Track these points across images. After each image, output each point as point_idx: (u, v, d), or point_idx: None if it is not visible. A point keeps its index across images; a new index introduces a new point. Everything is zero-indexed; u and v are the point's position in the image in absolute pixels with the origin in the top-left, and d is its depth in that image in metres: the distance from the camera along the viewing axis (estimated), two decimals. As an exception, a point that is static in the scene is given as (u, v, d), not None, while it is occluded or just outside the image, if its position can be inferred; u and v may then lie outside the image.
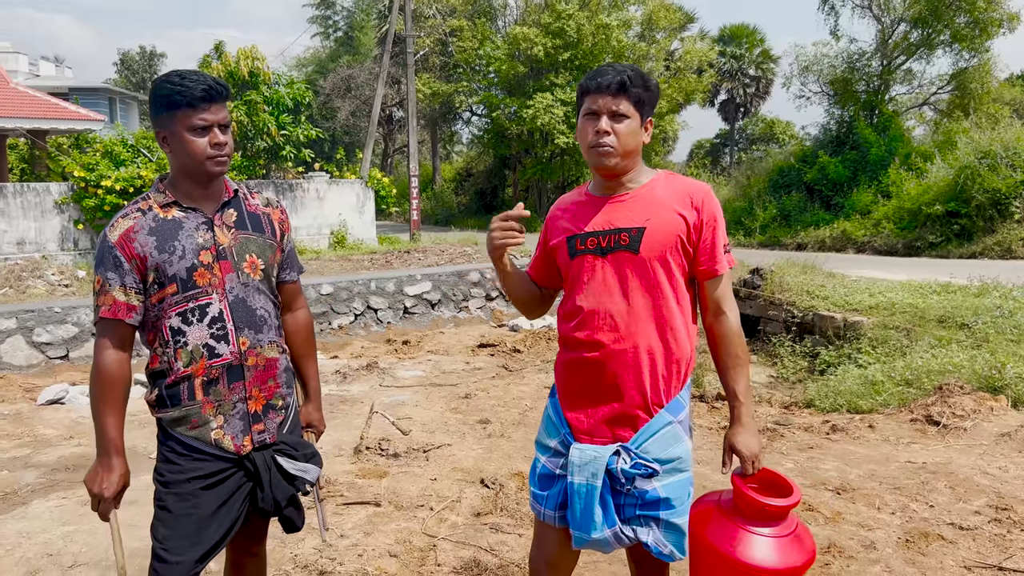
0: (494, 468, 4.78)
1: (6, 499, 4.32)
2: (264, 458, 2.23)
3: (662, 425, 2.10)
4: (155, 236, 2.12)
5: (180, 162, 2.15)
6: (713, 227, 2.12)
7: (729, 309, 2.17)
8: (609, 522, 2.06)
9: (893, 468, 4.86)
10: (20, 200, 14.42)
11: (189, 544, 2.13)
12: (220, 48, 19.56)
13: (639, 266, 2.09)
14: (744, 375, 2.15)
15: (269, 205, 2.38)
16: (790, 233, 18.74)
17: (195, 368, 2.14)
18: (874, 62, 21.48)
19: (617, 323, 2.10)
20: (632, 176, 2.16)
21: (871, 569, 3.54)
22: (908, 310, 8.63)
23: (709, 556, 2.10)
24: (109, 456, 2.12)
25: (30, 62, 36.80)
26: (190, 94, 2.09)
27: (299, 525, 2.40)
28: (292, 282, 2.45)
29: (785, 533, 2.07)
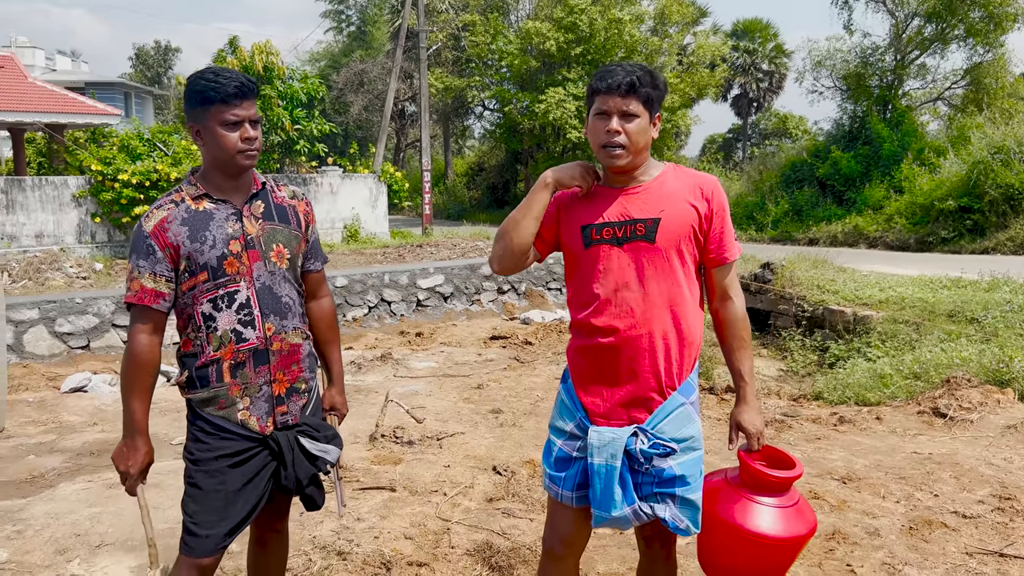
0: (506, 456, 4.88)
1: (34, 482, 4.46)
2: (287, 438, 2.33)
3: (676, 406, 2.19)
4: (187, 226, 2.23)
5: (212, 155, 2.26)
6: (722, 217, 2.23)
7: (735, 295, 2.28)
8: (628, 500, 2.15)
9: (899, 458, 4.93)
10: (38, 193, 14.62)
11: (218, 519, 2.24)
12: (234, 43, 19.68)
13: (655, 255, 2.17)
14: (748, 357, 2.27)
15: (295, 198, 2.48)
16: (802, 228, 18.75)
17: (223, 352, 2.25)
18: (888, 57, 21.41)
19: (633, 310, 2.17)
20: (643, 169, 2.24)
21: (875, 555, 3.62)
22: (918, 304, 8.68)
23: (716, 525, 2.22)
24: (134, 436, 2.23)
25: (47, 56, 37.13)
26: (223, 90, 2.19)
27: (319, 503, 2.50)
28: (317, 271, 2.55)
29: (787, 504, 2.19)
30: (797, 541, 2.17)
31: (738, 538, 2.16)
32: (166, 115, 42.93)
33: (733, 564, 2.27)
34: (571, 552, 2.38)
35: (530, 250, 2.32)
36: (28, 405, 6.09)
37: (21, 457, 4.89)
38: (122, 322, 8.30)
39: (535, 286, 11.78)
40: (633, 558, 3.58)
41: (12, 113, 16.57)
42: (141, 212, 14.30)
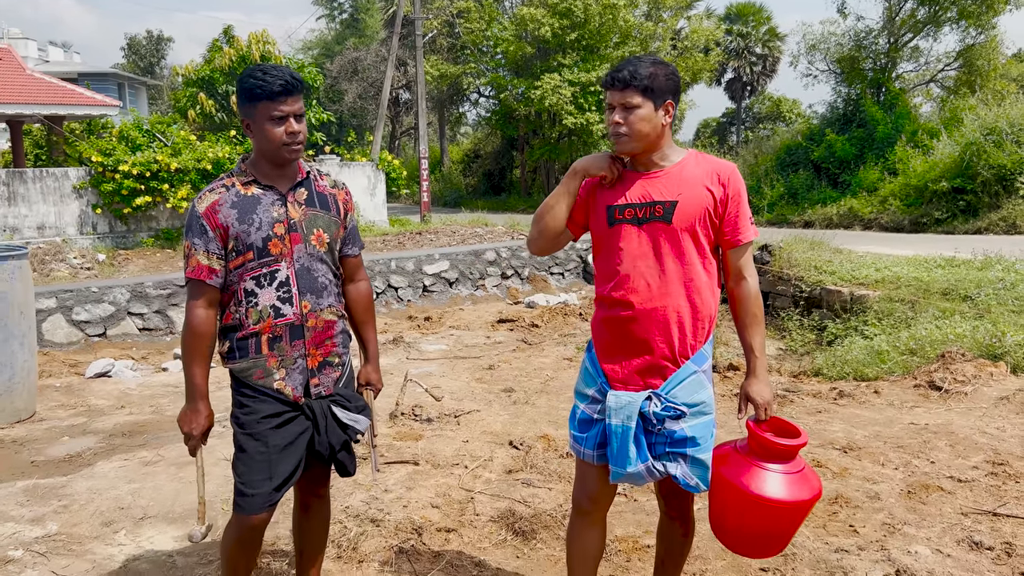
0: (521, 431, 5.09)
1: (71, 461, 4.66)
2: (321, 406, 2.53)
3: (688, 374, 2.38)
4: (236, 209, 2.43)
5: (260, 146, 2.46)
6: (738, 202, 2.40)
7: (749, 275, 2.46)
8: (642, 457, 2.35)
9: (897, 429, 5.16)
10: (39, 185, 14.72)
11: (263, 478, 2.46)
12: (229, 32, 19.75)
13: (671, 235, 2.35)
14: (760, 333, 2.45)
15: (336, 187, 2.67)
16: (797, 211, 18.95)
17: (263, 326, 2.45)
18: (881, 40, 21.55)
19: (650, 285, 2.37)
20: (663, 154, 2.41)
21: (875, 516, 3.84)
22: (913, 283, 8.89)
23: (726, 490, 2.39)
24: (196, 400, 2.46)
25: (39, 48, 37.02)
26: (269, 88, 2.38)
27: (351, 471, 2.70)
28: (355, 256, 2.73)
29: (793, 471, 2.36)
30: (802, 505, 2.34)
31: (747, 502, 2.33)
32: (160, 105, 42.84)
33: (742, 527, 2.43)
34: (597, 508, 2.59)
35: (564, 232, 2.54)
36: (56, 390, 6.27)
37: (56, 439, 5.09)
38: (137, 310, 8.47)
39: (538, 271, 11.98)
40: (648, 523, 3.80)
41: (11, 105, 16.61)
42: (142, 203, 14.55)
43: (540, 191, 29.76)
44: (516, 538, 3.64)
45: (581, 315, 9.58)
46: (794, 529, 2.46)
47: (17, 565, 3.38)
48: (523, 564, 3.40)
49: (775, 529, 2.42)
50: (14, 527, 3.74)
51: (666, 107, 2.35)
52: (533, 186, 30.85)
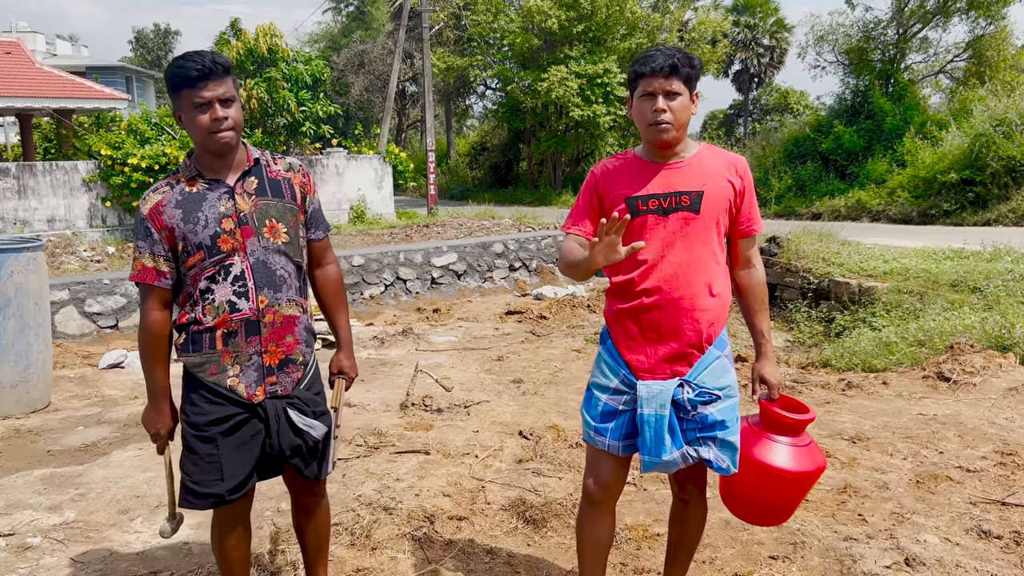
0: (531, 422, 5.12)
1: (87, 450, 4.71)
2: (276, 408, 2.43)
3: (713, 359, 2.42)
4: (181, 208, 2.34)
5: (194, 138, 2.35)
6: (751, 193, 2.49)
7: (757, 263, 2.57)
8: (677, 445, 2.39)
9: (905, 420, 5.17)
10: (49, 179, 14.80)
11: (214, 479, 2.39)
12: (236, 25, 19.76)
13: (697, 224, 2.38)
14: (767, 318, 2.57)
15: (291, 170, 2.53)
16: (805, 203, 18.92)
17: (218, 321, 2.35)
18: (890, 30, 21.46)
19: (676, 273, 2.38)
20: (683, 146, 2.44)
21: (884, 506, 3.86)
22: (921, 275, 8.89)
23: (739, 461, 2.48)
24: (159, 400, 2.43)
25: (47, 41, 37.07)
26: (186, 74, 2.27)
27: (310, 475, 2.56)
28: (319, 240, 2.62)
29: (800, 444, 2.51)
30: (807, 476, 2.49)
31: (758, 472, 2.46)
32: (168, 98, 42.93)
33: (750, 495, 2.58)
34: (609, 496, 2.60)
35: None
36: (70, 381, 6.34)
37: (71, 428, 5.14)
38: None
39: (545, 263, 12.00)
40: (658, 511, 3.83)
41: (21, 99, 16.71)
42: (153, 196, 14.59)
43: (546, 183, 29.75)
44: (527, 526, 3.67)
45: (589, 307, 9.60)
46: (798, 500, 2.58)
47: (36, 552, 3.43)
48: (534, 551, 3.44)
49: (781, 498, 2.56)
50: (32, 515, 3.79)
51: (694, 98, 2.41)
52: (540, 179, 30.83)
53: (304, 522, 2.78)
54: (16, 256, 5.23)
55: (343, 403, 2.73)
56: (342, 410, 2.75)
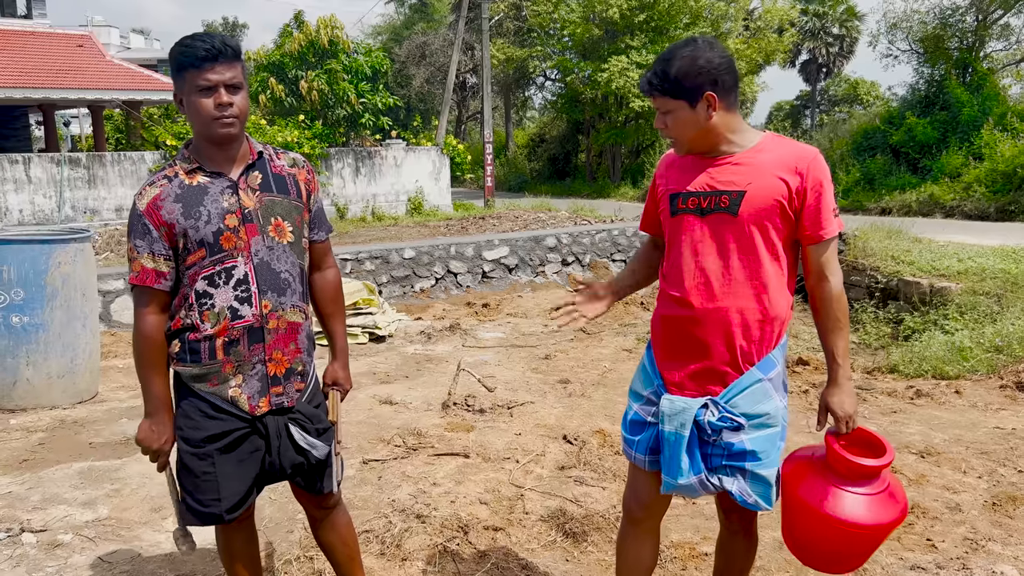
0: (576, 425, 4.93)
1: (127, 444, 4.69)
2: (277, 424, 2.29)
3: (752, 382, 2.16)
4: (181, 203, 2.16)
5: (193, 124, 2.18)
6: (819, 192, 2.12)
7: (832, 274, 2.18)
8: (695, 469, 2.17)
9: (980, 433, 4.82)
10: (117, 168, 15.16)
11: (211, 499, 2.26)
12: (299, 17, 19.91)
13: (737, 229, 2.13)
14: (843, 338, 2.19)
15: (295, 165, 2.38)
16: (874, 197, 18.16)
17: (218, 329, 2.19)
18: (968, 17, 20.41)
19: (712, 283, 2.16)
20: (736, 139, 2.16)
21: (956, 530, 3.56)
22: (999, 276, 8.36)
23: (801, 510, 2.17)
24: (159, 413, 2.23)
25: (121, 35, 38.20)
26: (193, 54, 2.10)
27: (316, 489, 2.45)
28: (321, 242, 2.47)
29: (877, 491, 2.13)
30: (885, 527, 2.13)
31: (824, 525, 2.12)
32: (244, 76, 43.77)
33: (820, 548, 2.25)
34: (649, 515, 2.41)
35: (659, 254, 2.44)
36: (119, 371, 6.38)
37: (114, 420, 5.15)
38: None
39: (600, 257, 11.75)
40: (707, 528, 3.61)
41: (92, 91, 17.13)
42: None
43: (605, 175, 29.37)
44: (566, 540, 3.49)
45: (643, 304, 9.33)
46: (876, 547, 2.24)
47: (65, 549, 3.39)
48: (572, 568, 3.25)
49: (855, 550, 2.21)
50: (66, 510, 3.76)
51: (707, 100, 2.09)
52: (598, 170, 30.46)
53: (326, 536, 2.62)
54: (63, 247, 5.25)
55: (340, 416, 2.56)
56: (340, 424, 2.56)
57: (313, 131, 17.59)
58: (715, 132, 2.14)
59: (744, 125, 2.20)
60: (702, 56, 2.09)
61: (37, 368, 5.26)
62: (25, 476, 4.19)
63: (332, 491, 2.50)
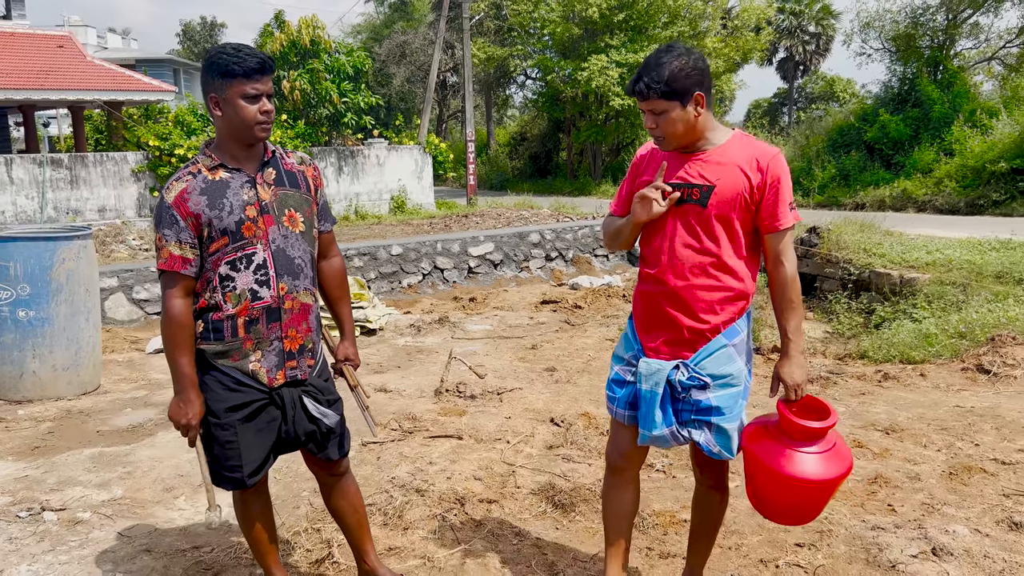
0: (562, 409, 5.19)
1: (134, 431, 4.90)
2: (292, 395, 2.56)
3: (718, 347, 2.48)
4: (206, 196, 2.41)
5: (231, 126, 2.42)
6: (776, 188, 2.41)
7: (787, 260, 2.48)
8: (667, 422, 2.50)
9: (941, 412, 5.12)
10: (100, 169, 15.22)
11: (235, 464, 2.53)
12: (280, 17, 20.01)
13: (704, 218, 2.43)
14: (795, 317, 2.50)
15: (303, 163, 2.65)
16: (849, 193, 18.59)
17: (239, 309, 2.45)
18: (939, 16, 20.91)
19: (683, 264, 2.46)
20: (708, 137, 2.46)
21: (915, 496, 3.85)
22: (965, 266, 8.72)
23: (759, 469, 2.48)
24: (187, 390, 2.45)
25: (98, 35, 37.99)
26: (246, 65, 2.36)
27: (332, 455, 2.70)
28: (327, 231, 2.74)
29: (824, 450, 2.41)
30: (833, 481, 2.41)
31: (780, 482, 2.41)
32: (213, 90, 43.61)
33: (777, 501, 2.54)
34: (629, 465, 2.71)
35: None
36: (118, 365, 6.57)
37: (119, 410, 5.34)
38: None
39: (582, 252, 12.02)
40: (685, 498, 3.87)
41: (73, 91, 17.17)
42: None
43: (586, 173, 29.66)
44: (555, 510, 3.74)
45: (624, 297, 9.61)
46: (826, 500, 2.53)
47: (86, 526, 3.60)
48: (561, 535, 3.51)
49: (807, 503, 2.51)
50: (82, 491, 3.97)
51: (695, 100, 2.37)
52: (579, 168, 30.75)
53: (336, 502, 2.86)
54: (67, 244, 5.44)
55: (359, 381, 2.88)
56: (361, 387, 2.89)
57: (296, 131, 17.73)
58: (698, 129, 2.44)
59: (716, 123, 2.49)
60: (690, 61, 2.37)
61: (43, 361, 5.44)
62: (39, 461, 4.39)
63: (341, 458, 2.76)
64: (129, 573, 3.19)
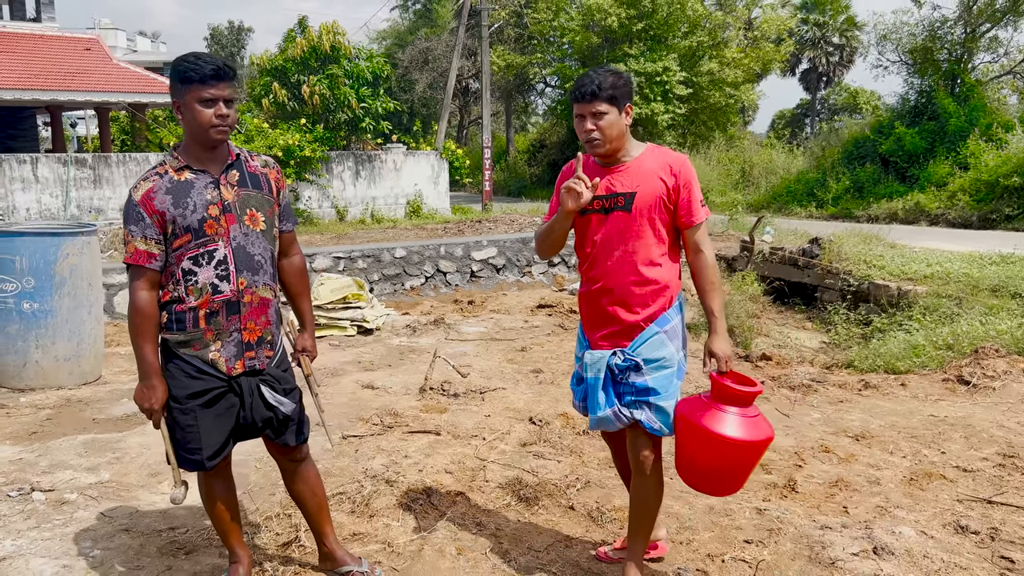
0: (542, 409, 5.33)
1: (128, 420, 5.11)
2: (249, 384, 2.72)
3: (651, 334, 2.81)
4: (171, 195, 2.58)
5: (190, 129, 2.59)
6: (689, 189, 2.78)
7: (705, 248, 2.84)
8: (609, 403, 2.83)
9: (915, 420, 5.20)
10: (123, 169, 15.60)
11: (195, 447, 2.70)
12: (304, 23, 20.36)
13: (630, 222, 2.77)
14: (718, 297, 2.84)
15: (267, 166, 2.82)
16: (862, 205, 18.54)
17: (200, 302, 2.61)
18: (957, 29, 20.82)
19: (614, 264, 2.81)
20: (625, 151, 2.82)
21: (870, 500, 3.95)
22: (962, 279, 8.77)
23: (690, 430, 2.76)
24: (150, 377, 2.61)
25: (128, 38, 38.74)
26: (201, 72, 2.51)
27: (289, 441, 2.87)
28: (288, 231, 2.91)
29: (748, 415, 2.71)
30: (755, 445, 2.70)
31: (707, 440, 2.68)
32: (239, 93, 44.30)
33: (700, 462, 2.81)
34: (611, 439, 3.22)
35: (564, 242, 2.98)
36: (121, 357, 6.80)
37: (117, 400, 5.56)
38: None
39: (586, 259, 12.14)
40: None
41: (99, 93, 17.60)
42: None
43: (604, 181, 29.66)
44: (520, 503, 3.88)
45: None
46: (749, 469, 2.78)
47: (71, 506, 3.80)
48: (521, 526, 3.65)
49: (731, 466, 2.77)
50: (72, 474, 4.17)
51: (626, 110, 2.76)
52: (597, 176, 30.77)
53: (296, 487, 3.03)
54: (72, 240, 5.68)
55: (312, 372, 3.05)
56: (314, 377, 3.06)
57: (314, 135, 18.03)
58: (624, 137, 2.81)
59: (632, 139, 2.85)
60: (623, 78, 2.79)
61: (45, 351, 5.68)
62: (34, 446, 4.61)
63: (299, 445, 2.93)
64: (107, 550, 3.37)
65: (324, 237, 13.66)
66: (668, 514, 3.70)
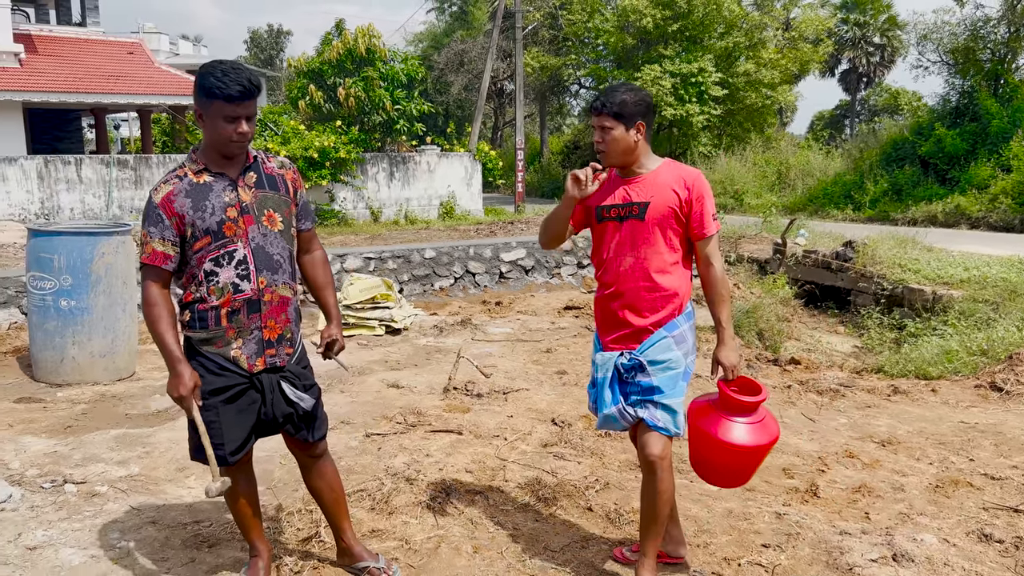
0: (565, 410, 5.34)
1: (159, 416, 5.23)
2: (271, 380, 2.78)
3: (659, 338, 2.93)
4: (190, 198, 2.63)
5: (210, 138, 2.67)
6: (702, 202, 2.89)
7: (715, 261, 2.95)
8: (615, 401, 2.95)
9: (944, 427, 5.13)
10: (163, 170, 15.92)
11: (217, 443, 2.73)
12: (341, 26, 20.59)
13: (644, 230, 2.91)
14: (726, 308, 2.95)
15: (283, 167, 2.88)
16: (901, 208, 18.20)
17: (222, 301, 2.67)
18: (1000, 29, 20.35)
19: (626, 270, 2.94)
20: (641, 163, 2.95)
21: (894, 506, 3.91)
22: (1000, 284, 8.60)
23: (700, 436, 2.93)
24: (176, 366, 2.64)
25: (170, 41, 39.46)
26: (227, 92, 2.55)
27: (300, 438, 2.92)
28: (307, 230, 2.97)
29: (754, 421, 2.86)
30: (761, 448, 2.87)
31: (716, 446, 2.87)
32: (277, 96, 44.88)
33: (711, 463, 3.01)
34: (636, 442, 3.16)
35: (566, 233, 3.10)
36: (154, 354, 6.91)
37: (148, 396, 5.70)
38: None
39: (617, 261, 12.10)
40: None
41: (141, 96, 18.02)
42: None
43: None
44: (538, 503, 3.91)
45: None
46: (755, 466, 2.98)
47: (102, 499, 3.90)
48: (539, 526, 3.67)
49: (739, 465, 2.96)
50: (103, 467, 4.29)
51: (637, 127, 2.87)
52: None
53: (314, 482, 3.09)
54: (107, 239, 5.84)
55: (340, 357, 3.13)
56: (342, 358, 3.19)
57: (349, 136, 18.22)
58: (636, 153, 2.93)
59: (651, 154, 2.96)
60: (639, 95, 2.89)
61: (82, 347, 5.84)
62: (69, 439, 4.74)
63: (318, 441, 2.98)
64: (134, 541, 3.47)
65: (358, 238, 13.81)
66: (687, 517, 3.69)
